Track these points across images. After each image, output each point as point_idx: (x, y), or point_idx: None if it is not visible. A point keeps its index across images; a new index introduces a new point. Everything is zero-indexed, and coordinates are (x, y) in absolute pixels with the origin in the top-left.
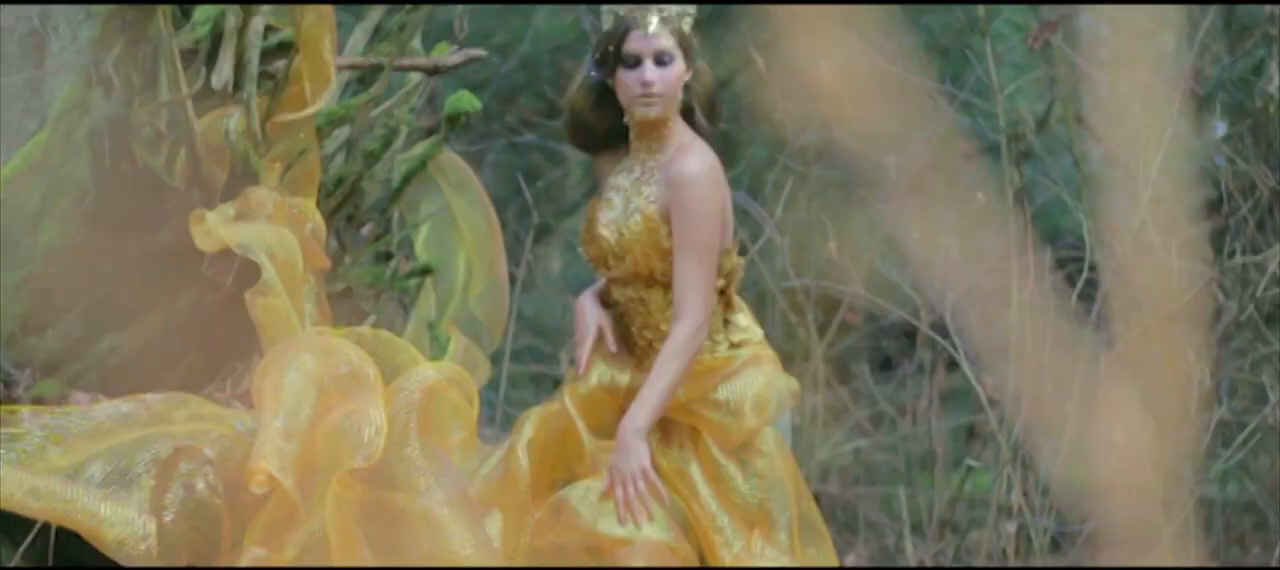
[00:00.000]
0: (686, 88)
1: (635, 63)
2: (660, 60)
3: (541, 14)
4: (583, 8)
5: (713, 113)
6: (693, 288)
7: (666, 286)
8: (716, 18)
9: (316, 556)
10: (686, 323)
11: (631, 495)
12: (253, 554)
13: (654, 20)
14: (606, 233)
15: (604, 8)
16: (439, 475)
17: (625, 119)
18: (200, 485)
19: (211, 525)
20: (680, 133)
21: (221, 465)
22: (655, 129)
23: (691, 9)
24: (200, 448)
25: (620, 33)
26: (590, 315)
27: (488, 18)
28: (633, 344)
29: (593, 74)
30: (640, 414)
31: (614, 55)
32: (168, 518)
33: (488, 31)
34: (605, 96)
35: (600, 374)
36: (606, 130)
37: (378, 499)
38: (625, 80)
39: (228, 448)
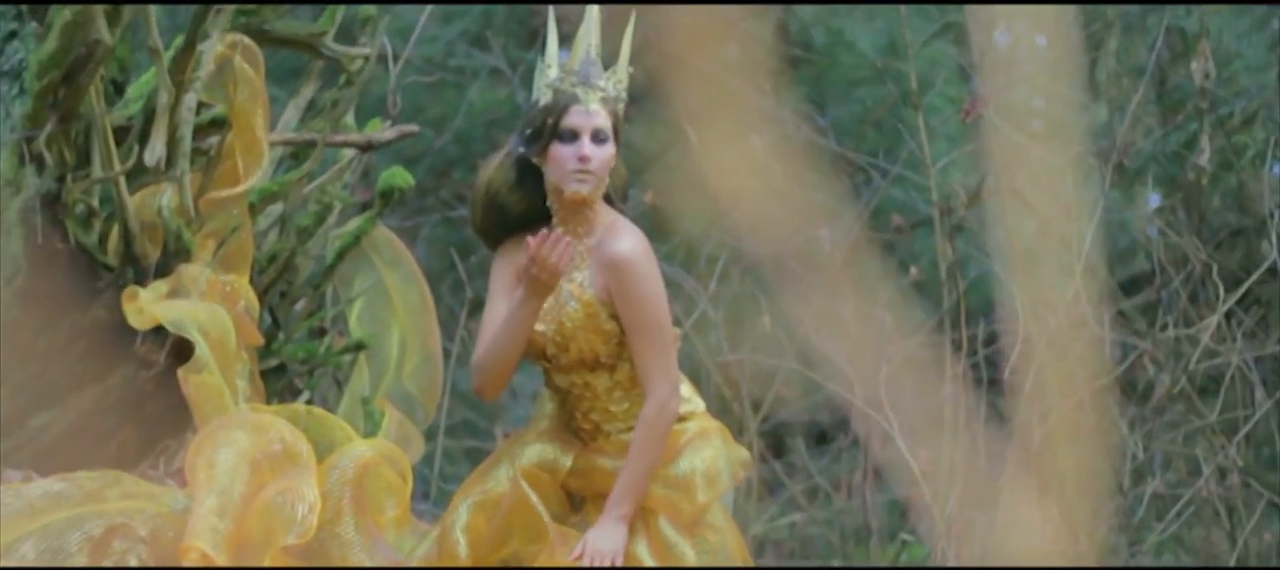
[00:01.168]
0: (609, 177)
1: (572, 137)
2: (597, 138)
3: (475, 88)
4: (516, 84)
5: (625, 203)
6: (654, 366)
7: (612, 368)
8: (650, 91)
9: None
10: (654, 400)
11: None
12: None
13: (594, 97)
14: (542, 326)
15: (542, 84)
16: (372, 552)
17: (548, 201)
18: (133, 563)
19: None
20: (605, 214)
21: (154, 543)
22: (581, 211)
23: (624, 93)
24: (133, 526)
25: (560, 107)
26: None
27: (421, 92)
28: (577, 427)
29: (520, 149)
30: (624, 500)
31: (551, 130)
32: None
33: (422, 106)
34: (527, 176)
35: (542, 453)
36: (521, 213)
37: None
38: (560, 155)
39: (161, 526)
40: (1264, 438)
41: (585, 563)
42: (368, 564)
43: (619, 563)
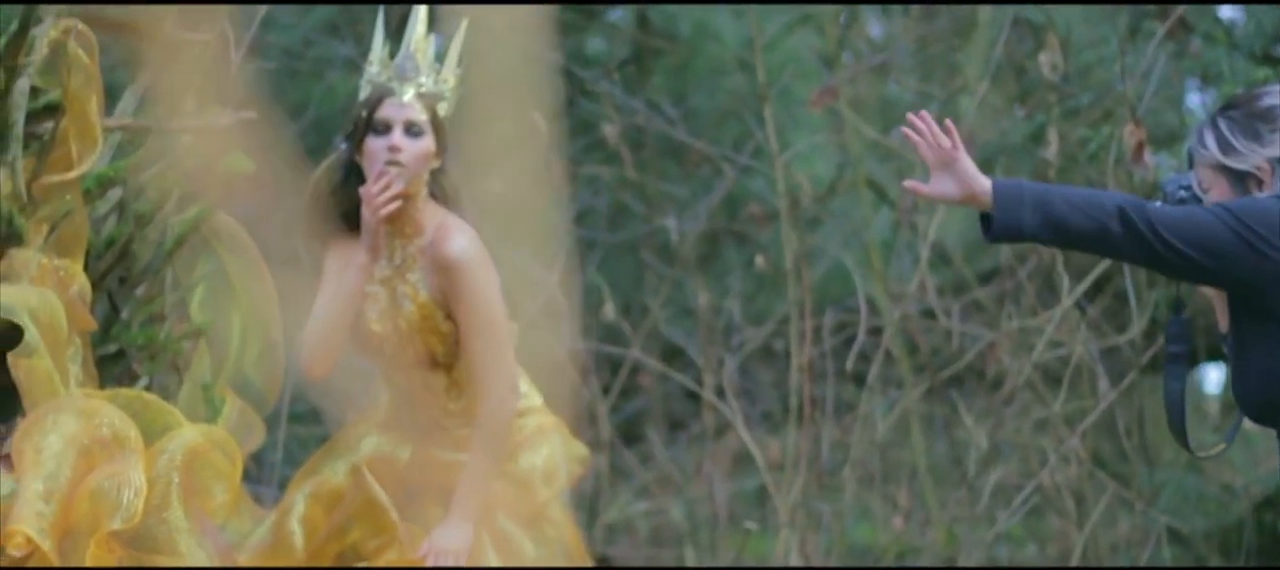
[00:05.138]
0: (434, 178)
1: (385, 129)
2: (410, 130)
3: (334, 73)
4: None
5: (458, 208)
6: (490, 366)
7: (449, 367)
8: (505, 83)
9: None
10: (491, 400)
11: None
12: None
13: (410, 90)
14: (378, 327)
15: (363, 80)
16: (201, 538)
17: None
18: None
19: None
20: (435, 213)
21: None
22: (405, 210)
23: (447, 92)
24: None
25: (373, 100)
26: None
27: (280, 79)
28: (415, 423)
29: (342, 145)
30: (469, 499)
31: (365, 123)
32: None
33: (280, 93)
34: (352, 177)
35: (378, 445)
36: (345, 214)
37: (138, 561)
38: (372, 148)
39: None
40: (1115, 429)
41: (431, 562)
42: (196, 549)
43: (463, 562)
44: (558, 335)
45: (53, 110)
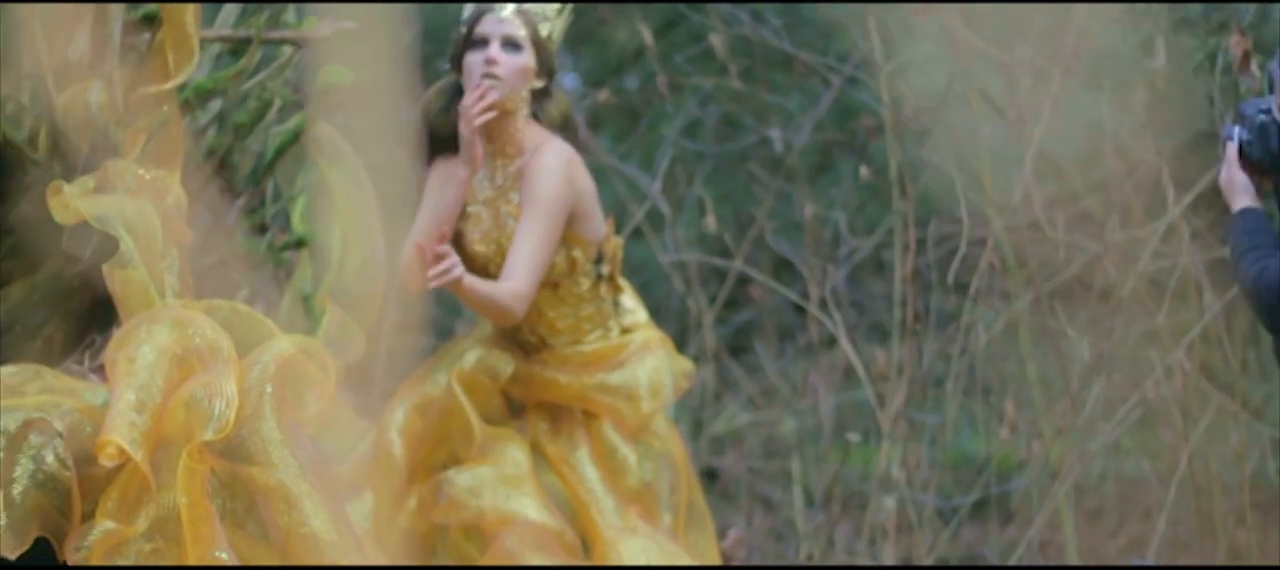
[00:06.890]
0: (538, 101)
1: (483, 44)
2: (508, 45)
3: None
4: None
5: (566, 134)
6: (529, 260)
7: (555, 286)
8: None
9: (169, 529)
10: (515, 286)
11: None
12: (104, 527)
13: (508, 7)
14: (482, 247)
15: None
16: (294, 448)
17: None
18: (50, 458)
19: (62, 498)
20: (535, 134)
21: (72, 438)
22: (505, 128)
23: (550, 12)
24: (50, 420)
25: (473, 17)
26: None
27: None
28: (522, 340)
29: (448, 67)
30: (473, 286)
31: (465, 39)
32: (16, 491)
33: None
34: (457, 100)
35: (482, 358)
36: (451, 136)
37: (231, 472)
38: (470, 61)
39: (78, 421)
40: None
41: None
42: (290, 459)
43: (443, 263)
44: (663, 246)
45: (150, 21)
